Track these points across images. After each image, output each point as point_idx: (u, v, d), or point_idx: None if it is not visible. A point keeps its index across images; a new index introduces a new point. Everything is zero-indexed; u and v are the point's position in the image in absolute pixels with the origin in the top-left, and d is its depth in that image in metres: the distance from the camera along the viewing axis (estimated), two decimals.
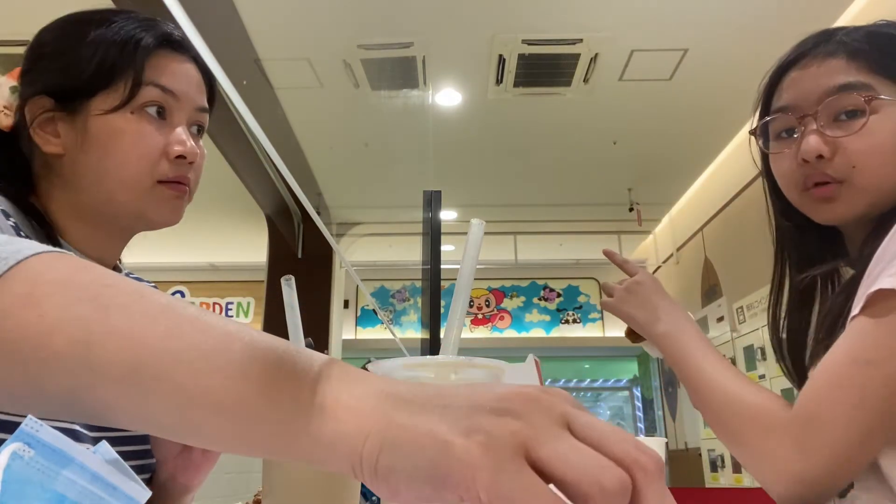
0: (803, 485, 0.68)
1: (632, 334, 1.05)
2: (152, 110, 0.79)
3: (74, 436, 0.73)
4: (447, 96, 4.37)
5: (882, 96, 0.78)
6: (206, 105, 0.87)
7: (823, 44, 0.84)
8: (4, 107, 0.78)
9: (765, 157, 0.92)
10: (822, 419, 0.67)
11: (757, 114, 0.91)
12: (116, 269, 0.91)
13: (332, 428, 0.34)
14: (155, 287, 0.55)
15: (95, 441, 0.75)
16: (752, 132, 0.92)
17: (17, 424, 0.35)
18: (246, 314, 7.83)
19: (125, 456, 0.41)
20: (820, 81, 0.81)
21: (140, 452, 0.82)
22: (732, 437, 0.78)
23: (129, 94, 0.77)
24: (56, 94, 0.78)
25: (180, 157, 0.80)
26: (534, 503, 0.28)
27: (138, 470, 0.79)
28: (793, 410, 0.71)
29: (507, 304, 7.68)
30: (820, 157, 0.80)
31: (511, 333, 7.56)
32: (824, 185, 0.81)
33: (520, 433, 0.30)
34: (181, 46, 0.83)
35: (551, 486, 0.30)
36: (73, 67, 0.78)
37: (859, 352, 0.67)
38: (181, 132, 0.81)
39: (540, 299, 7.66)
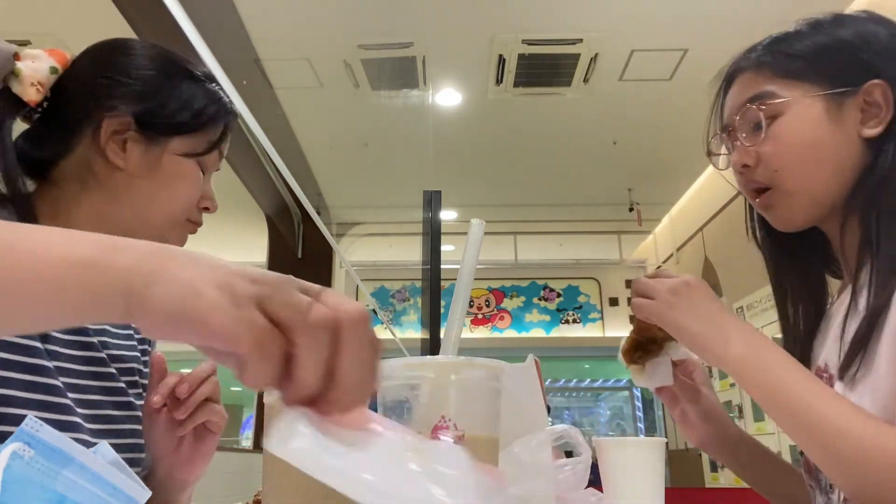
0: None
1: (632, 352, 0.91)
2: (207, 167, 0.90)
3: (74, 427, 0.74)
4: (447, 96, 4.37)
5: (780, 98, 0.82)
6: None
7: (741, 61, 0.89)
8: (39, 82, 0.80)
9: None
10: None
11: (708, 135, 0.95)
12: None
13: (113, 265, 0.37)
14: None
15: (92, 433, 0.76)
16: (709, 154, 0.95)
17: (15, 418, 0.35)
18: None
19: (115, 449, 0.42)
20: (736, 99, 0.87)
21: (130, 446, 0.84)
22: (880, 495, 0.64)
23: (206, 149, 0.88)
24: (142, 118, 0.83)
25: (206, 209, 0.92)
26: (248, 332, 0.34)
27: (128, 463, 0.81)
28: None
29: (507, 304, 7.68)
30: (746, 166, 0.84)
31: (511, 333, 7.56)
32: (762, 194, 0.85)
33: (259, 291, 0.36)
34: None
35: None
36: (171, 106, 0.85)
37: None
38: (211, 189, 0.92)
39: (540, 299, 7.65)
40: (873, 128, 0.79)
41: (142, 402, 0.91)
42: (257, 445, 5.32)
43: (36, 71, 0.80)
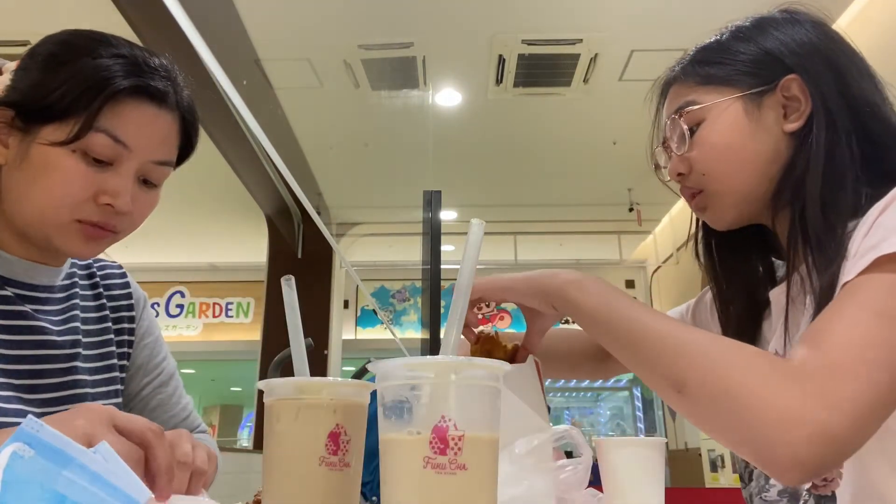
0: (826, 439, 0.58)
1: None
2: (95, 155, 0.77)
3: None
4: (447, 96, 4.37)
5: (697, 105, 0.85)
6: (168, 158, 0.84)
7: (669, 74, 0.94)
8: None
9: None
10: (847, 369, 0.60)
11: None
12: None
13: None
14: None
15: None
16: (655, 168, 0.98)
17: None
18: (246, 314, 7.83)
19: None
20: (667, 111, 0.92)
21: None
22: (720, 395, 0.62)
23: (73, 136, 0.75)
24: (18, 108, 0.78)
25: (108, 205, 0.78)
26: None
27: None
28: (810, 358, 0.62)
29: (508, 304, 7.66)
30: (680, 174, 0.88)
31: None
32: (695, 198, 0.88)
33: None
34: (158, 97, 0.81)
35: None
36: (41, 90, 0.77)
37: (882, 307, 0.62)
38: (119, 183, 0.78)
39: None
40: (794, 122, 0.81)
41: (119, 394, 0.93)
42: (257, 445, 5.32)
43: (2, 83, 0.79)
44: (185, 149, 0.88)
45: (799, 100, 0.81)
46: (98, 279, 0.97)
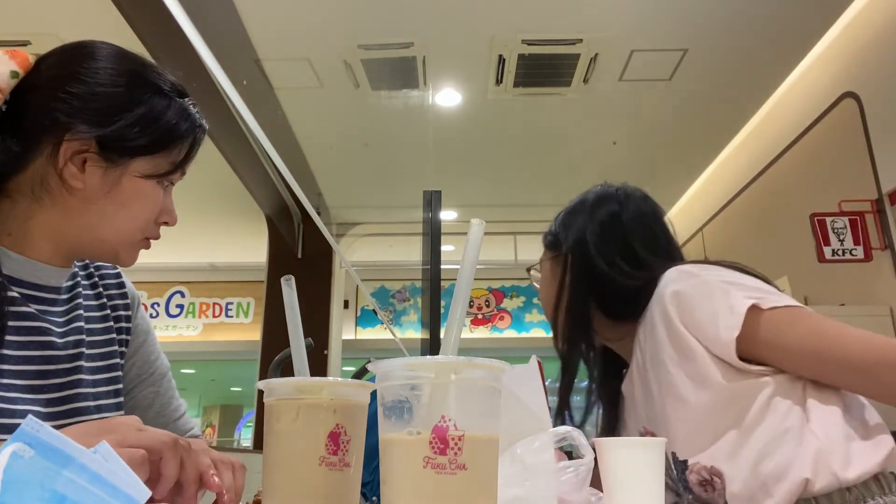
0: None
1: None
2: (172, 182, 0.89)
3: None
4: (447, 96, 4.37)
5: (537, 263, 1.37)
6: None
7: None
8: None
9: None
10: None
11: None
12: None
13: None
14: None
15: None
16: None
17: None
18: (246, 314, 7.82)
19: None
20: None
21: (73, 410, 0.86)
22: None
23: (169, 170, 0.86)
24: (104, 140, 0.80)
25: (165, 223, 0.90)
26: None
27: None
28: None
29: (507, 304, 7.68)
30: None
31: (511, 333, 7.55)
32: None
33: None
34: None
35: None
36: (134, 127, 0.81)
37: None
38: (171, 202, 0.90)
39: (540, 299, 7.66)
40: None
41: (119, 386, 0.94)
42: (257, 445, 5.32)
43: None
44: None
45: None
46: (97, 279, 0.97)
